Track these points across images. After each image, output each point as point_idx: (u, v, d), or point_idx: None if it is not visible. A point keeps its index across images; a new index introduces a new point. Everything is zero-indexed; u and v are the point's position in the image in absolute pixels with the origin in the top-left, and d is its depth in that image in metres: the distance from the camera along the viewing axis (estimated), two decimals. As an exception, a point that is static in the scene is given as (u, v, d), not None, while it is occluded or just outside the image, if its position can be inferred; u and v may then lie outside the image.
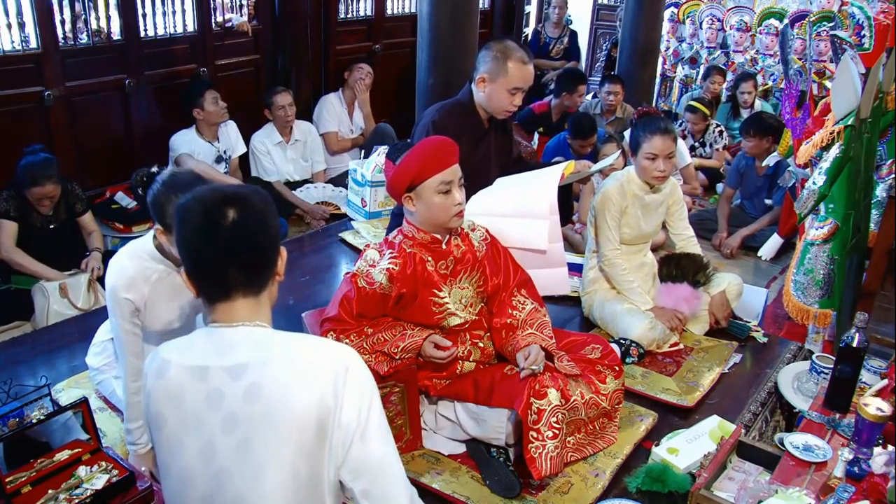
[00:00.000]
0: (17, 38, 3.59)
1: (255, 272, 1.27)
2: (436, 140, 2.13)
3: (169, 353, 1.29)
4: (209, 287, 1.27)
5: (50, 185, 3.19)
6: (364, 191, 4.21)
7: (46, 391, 2.05)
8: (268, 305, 1.32)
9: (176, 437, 1.26)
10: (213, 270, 1.24)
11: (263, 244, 1.27)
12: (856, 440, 1.93)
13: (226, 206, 1.22)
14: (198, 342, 1.29)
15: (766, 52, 6.46)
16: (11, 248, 3.21)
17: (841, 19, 4.22)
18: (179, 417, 1.25)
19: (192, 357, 1.27)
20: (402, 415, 2.16)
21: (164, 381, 1.27)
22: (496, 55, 2.62)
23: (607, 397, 2.21)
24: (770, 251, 4.07)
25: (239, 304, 1.27)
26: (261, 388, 1.21)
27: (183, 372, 1.25)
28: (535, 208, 2.46)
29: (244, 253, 1.24)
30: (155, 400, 1.28)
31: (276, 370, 1.22)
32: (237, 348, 1.24)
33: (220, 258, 1.23)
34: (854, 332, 2.14)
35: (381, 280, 2.10)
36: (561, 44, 6.78)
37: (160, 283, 2.05)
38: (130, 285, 2.01)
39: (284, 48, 4.92)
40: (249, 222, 1.23)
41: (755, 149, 4.28)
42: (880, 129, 3.08)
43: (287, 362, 1.23)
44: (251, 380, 1.21)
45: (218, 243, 1.22)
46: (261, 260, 1.28)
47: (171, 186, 1.93)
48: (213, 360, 1.24)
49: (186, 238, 1.24)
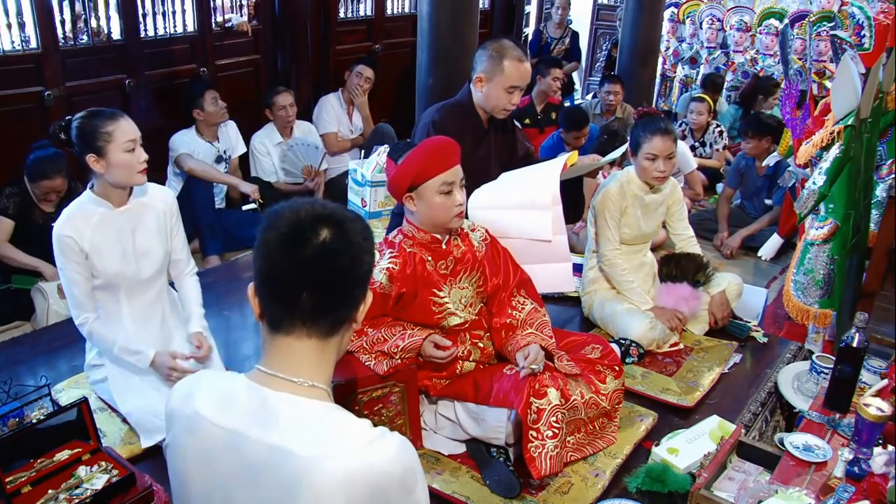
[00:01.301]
0: (17, 38, 3.59)
1: (329, 306, 1.11)
2: (437, 140, 2.13)
3: (203, 405, 1.12)
4: (273, 307, 1.11)
5: (59, 179, 3.21)
6: (364, 191, 4.21)
7: (46, 391, 2.05)
8: (333, 358, 1.15)
9: (202, 495, 1.14)
10: (283, 287, 1.09)
11: (347, 277, 1.11)
12: (856, 440, 1.93)
13: (321, 223, 1.09)
14: (239, 396, 1.11)
15: (766, 52, 6.46)
16: (1, 243, 3.22)
17: (841, 19, 4.22)
18: (207, 482, 1.12)
19: (228, 418, 1.09)
20: (402, 415, 2.16)
21: (195, 440, 1.12)
22: (492, 54, 2.63)
23: (607, 397, 2.21)
24: (770, 251, 4.07)
25: (300, 345, 1.11)
26: (300, 481, 1.02)
27: (217, 433, 1.09)
28: (538, 199, 2.46)
29: (324, 277, 1.09)
30: (182, 458, 1.14)
31: (324, 463, 1.02)
32: (281, 420, 1.06)
33: (295, 275, 1.08)
34: (854, 332, 2.14)
35: (380, 279, 2.10)
36: (562, 44, 6.78)
37: (102, 224, 2.18)
38: (70, 223, 2.15)
39: (284, 48, 4.92)
40: (341, 248, 1.09)
41: (755, 149, 4.29)
42: (880, 129, 3.08)
43: (337, 457, 1.02)
44: (292, 468, 1.03)
45: (298, 258, 1.07)
46: (340, 293, 1.12)
47: (93, 113, 2.16)
48: (252, 429, 1.07)
49: (266, 243, 1.09)
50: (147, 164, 2.22)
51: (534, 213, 2.44)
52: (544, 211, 2.44)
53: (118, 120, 2.16)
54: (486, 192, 2.55)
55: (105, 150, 2.13)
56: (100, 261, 2.18)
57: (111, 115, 2.17)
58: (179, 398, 1.16)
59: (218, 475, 1.10)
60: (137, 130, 2.20)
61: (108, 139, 2.12)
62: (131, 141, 2.16)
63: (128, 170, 2.17)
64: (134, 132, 2.18)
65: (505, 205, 2.44)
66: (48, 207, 3.28)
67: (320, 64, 5.16)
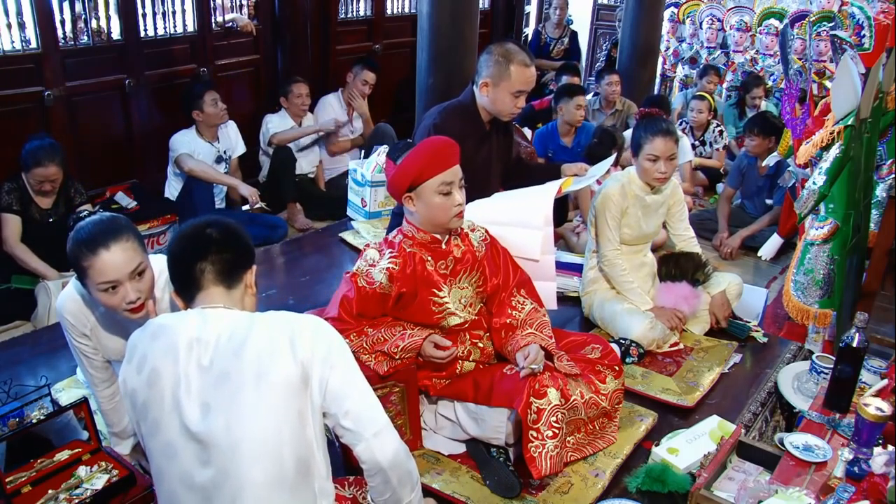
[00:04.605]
0: (17, 38, 3.59)
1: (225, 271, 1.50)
2: (437, 141, 2.13)
3: (163, 319, 1.48)
4: (185, 285, 1.50)
5: (53, 167, 3.19)
6: (364, 191, 4.21)
7: (46, 391, 2.05)
8: (239, 304, 1.52)
9: (172, 394, 1.40)
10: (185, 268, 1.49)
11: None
12: (856, 440, 1.93)
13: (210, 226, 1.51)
14: (189, 315, 1.47)
15: (766, 52, 6.46)
16: (15, 242, 3.22)
17: (841, 19, 4.21)
18: (174, 376, 1.41)
19: (186, 325, 1.44)
20: (402, 415, 2.16)
21: (161, 341, 1.43)
22: (498, 59, 2.62)
23: (607, 397, 2.21)
24: (770, 251, 4.06)
25: (213, 292, 1.48)
26: (247, 346, 1.40)
27: (180, 335, 1.42)
28: (531, 220, 2.48)
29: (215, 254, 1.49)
30: (152, 358, 1.42)
31: (261, 332, 1.42)
32: (223, 320, 1.44)
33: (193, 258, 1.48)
34: (854, 332, 2.14)
35: (380, 279, 2.10)
36: (562, 44, 6.78)
37: (104, 317, 1.97)
38: (72, 309, 1.94)
39: (284, 48, 4.92)
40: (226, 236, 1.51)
41: (758, 147, 4.28)
42: (880, 129, 3.08)
43: (270, 325, 1.44)
44: (238, 341, 1.41)
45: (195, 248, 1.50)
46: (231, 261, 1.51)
47: (79, 235, 1.77)
48: (204, 331, 1.43)
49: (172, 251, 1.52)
50: (137, 302, 1.79)
51: (526, 232, 2.47)
52: (536, 231, 2.47)
53: (98, 253, 1.73)
54: (480, 207, 2.56)
55: (85, 284, 1.80)
56: (98, 342, 2.01)
57: (93, 244, 1.74)
58: (139, 331, 1.49)
59: (181, 368, 1.40)
60: (129, 264, 1.77)
61: (84, 273, 1.77)
62: (108, 283, 1.75)
63: (111, 308, 1.82)
64: (115, 271, 1.74)
65: (498, 220, 2.46)
66: (45, 202, 3.28)
67: (320, 64, 5.15)
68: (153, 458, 1.46)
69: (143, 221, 3.73)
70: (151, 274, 1.85)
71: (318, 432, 1.46)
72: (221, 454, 1.38)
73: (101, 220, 1.79)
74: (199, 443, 1.39)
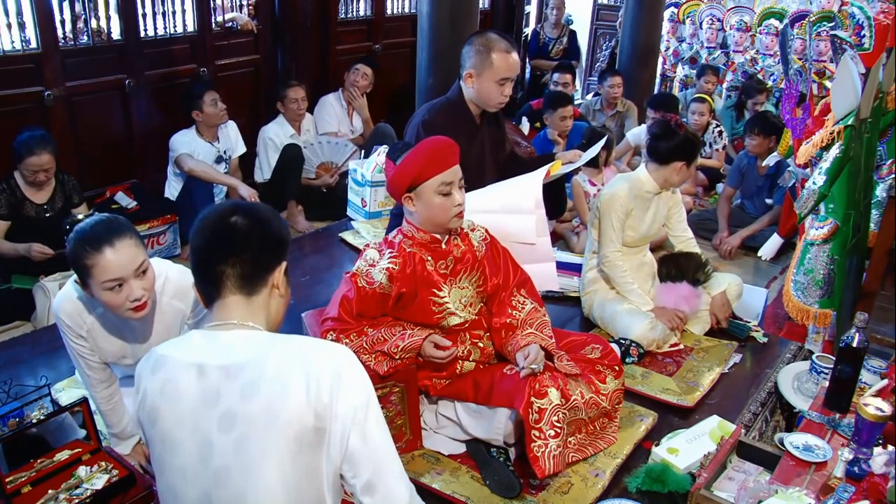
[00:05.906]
0: (17, 38, 3.59)
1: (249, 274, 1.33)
2: (436, 141, 2.13)
3: (165, 349, 1.33)
4: (204, 286, 1.34)
5: (46, 155, 3.17)
6: (364, 191, 4.21)
7: (46, 391, 2.05)
8: (262, 312, 1.35)
9: (171, 434, 1.29)
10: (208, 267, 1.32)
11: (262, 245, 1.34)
12: (856, 440, 1.93)
13: (235, 213, 1.32)
14: (194, 340, 1.32)
15: (766, 52, 6.46)
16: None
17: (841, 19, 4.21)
18: (175, 414, 1.28)
19: (188, 354, 1.30)
20: (402, 415, 2.16)
21: (160, 375, 1.30)
22: (479, 49, 2.63)
23: (607, 397, 2.21)
24: (770, 251, 4.07)
25: (230, 302, 1.32)
26: (257, 387, 1.24)
27: (180, 367, 1.29)
28: (522, 204, 2.49)
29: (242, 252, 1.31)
30: (151, 394, 1.31)
31: (273, 369, 1.25)
32: (233, 348, 1.28)
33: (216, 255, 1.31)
34: (854, 332, 2.13)
35: (380, 279, 2.10)
36: (560, 44, 6.78)
37: (101, 318, 1.97)
38: (69, 310, 1.94)
39: (284, 48, 4.92)
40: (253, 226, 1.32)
41: (759, 147, 4.29)
42: (880, 129, 3.08)
43: (283, 361, 1.26)
44: (247, 379, 1.25)
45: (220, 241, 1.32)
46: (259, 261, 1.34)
47: (81, 235, 1.78)
48: (210, 359, 1.27)
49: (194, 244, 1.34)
50: (141, 299, 1.81)
51: (519, 218, 2.47)
52: (528, 215, 2.48)
53: (103, 251, 1.74)
54: (470, 198, 2.56)
55: (88, 283, 1.80)
56: (95, 344, 2.00)
57: (96, 242, 1.75)
58: (143, 360, 1.35)
59: (185, 406, 1.27)
60: (134, 261, 1.78)
61: (87, 272, 1.77)
62: (113, 280, 1.76)
63: (114, 308, 1.82)
64: (121, 269, 1.75)
65: (491, 209, 2.46)
66: (39, 197, 3.27)
67: (320, 64, 5.16)
68: (162, 498, 1.38)
69: (143, 221, 3.73)
70: (153, 273, 1.87)
71: (334, 490, 1.31)
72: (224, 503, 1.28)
73: (101, 220, 1.81)
74: (199, 489, 1.28)
